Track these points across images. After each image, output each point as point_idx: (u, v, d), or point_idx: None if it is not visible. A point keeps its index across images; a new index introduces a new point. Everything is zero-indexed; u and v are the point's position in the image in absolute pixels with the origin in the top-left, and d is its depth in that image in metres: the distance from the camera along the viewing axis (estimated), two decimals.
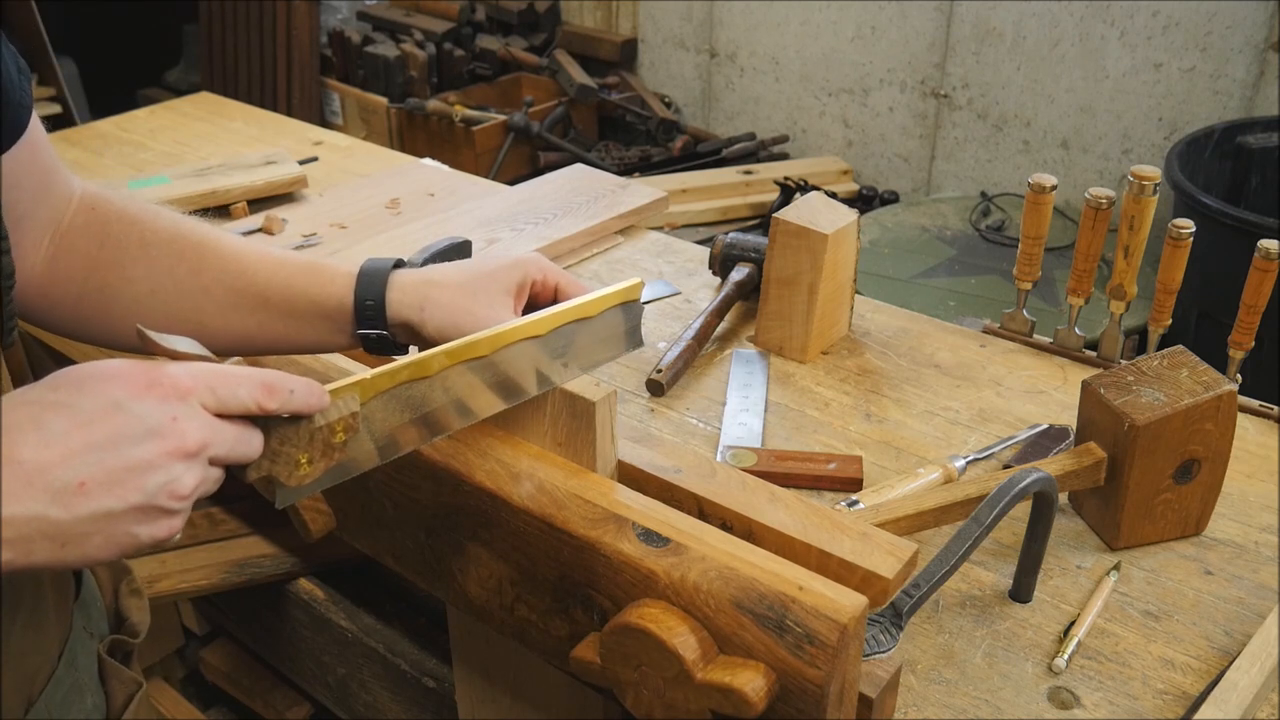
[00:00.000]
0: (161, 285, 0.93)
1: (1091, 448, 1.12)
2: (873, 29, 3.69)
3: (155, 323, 0.89)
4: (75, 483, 0.60)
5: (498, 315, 0.91)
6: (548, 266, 0.97)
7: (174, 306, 0.94)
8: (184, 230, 0.94)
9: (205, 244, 0.94)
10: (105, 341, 0.97)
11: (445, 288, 0.93)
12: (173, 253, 0.93)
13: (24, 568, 0.61)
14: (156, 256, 0.93)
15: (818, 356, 1.48)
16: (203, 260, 0.94)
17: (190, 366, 0.66)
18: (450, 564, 0.95)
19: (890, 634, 0.88)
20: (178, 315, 0.94)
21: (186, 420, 0.64)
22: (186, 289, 0.93)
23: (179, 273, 0.93)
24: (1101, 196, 1.33)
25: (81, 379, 0.63)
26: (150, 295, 0.93)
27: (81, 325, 0.95)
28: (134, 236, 0.93)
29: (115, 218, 0.93)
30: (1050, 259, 2.86)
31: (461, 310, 0.92)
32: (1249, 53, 3.00)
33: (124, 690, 0.92)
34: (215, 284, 0.94)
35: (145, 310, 0.93)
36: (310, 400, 0.70)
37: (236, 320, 0.95)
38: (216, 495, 1.71)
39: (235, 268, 0.94)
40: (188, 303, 0.94)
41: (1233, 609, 1.07)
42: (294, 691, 1.83)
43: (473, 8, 4.58)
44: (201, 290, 0.94)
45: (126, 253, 0.93)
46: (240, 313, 0.94)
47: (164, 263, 0.93)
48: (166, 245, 0.93)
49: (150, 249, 0.93)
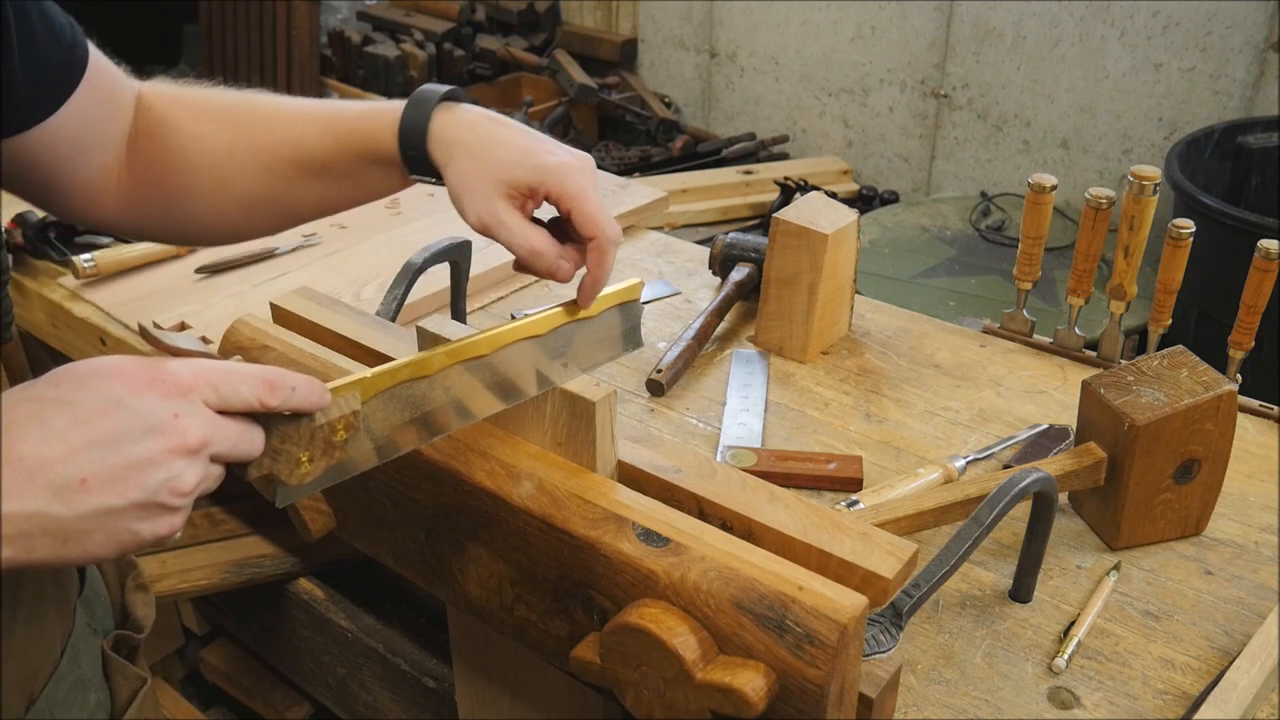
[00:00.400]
0: (229, 177, 0.98)
1: (1091, 448, 1.12)
2: (873, 29, 3.69)
3: (236, 210, 1.00)
4: (77, 479, 0.60)
5: (492, 212, 0.88)
6: (571, 187, 0.88)
7: (246, 193, 0.99)
8: (235, 116, 0.99)
9: (257, 123, 0.98)
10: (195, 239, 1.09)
11: (465, 159, 0.90)
12: (231, 141, 0.98)
13: (25, 565, 0.61)
14: (218, 149, 0.98)
15: (818, 356, 1.48)
16: (256, 140, 0.97)
17: (192, 363, 0.66)
18: (450, 564, 0.95)
19: (890, 634, 0.88)
20: (252, 199, 0.99)
21: (188, 417, 0.64)
22: (252, 173, 0.98)
23: (242, 159, 0.97)
24: (1101, 196, 1.33)
25: (83, 376, 0.63)
26: (221, 186, 0.98)
27: (165, 227, 1.03)
28: (189, 132, 0.98)
29: (170, 117, 0.98)
30: (1050, 259, 2.85)
31: (465, 187, 0.89)
32: (1249, 53, 3.00)
33: (128, 686, 0.92)
34: (277, 161, 0.97)
35: (222, 200, 0.99)
36: (312, 398, 0.70)
37: (305, 190, 0.98)
38: (217, 495, 1.71)
39: (290, 139, 0.97)
40: (256, 186, 0.98)
41: (1233, 609, 1.07)
42: (294, 691, 1.83)
43: (473, 8, 4.58)
44: (266, 170, 0.97)
45: (188, 153, 0.98)
46: (305, 182, 0.98)
47: (227, 154, 0.98)
48: (224, 136, 0.98)
49: (207, 143, 0.98)
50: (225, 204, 1.00)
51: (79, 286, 1.66)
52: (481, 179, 0.88)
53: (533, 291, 1.67)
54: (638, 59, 4.43)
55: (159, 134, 0.98)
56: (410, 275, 1.37)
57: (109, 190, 0.98)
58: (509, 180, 0.88)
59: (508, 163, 0.88)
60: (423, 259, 1.37)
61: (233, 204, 1.00)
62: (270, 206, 1.00)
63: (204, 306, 1.57)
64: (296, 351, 1.03)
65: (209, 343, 1.46)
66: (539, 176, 0.88)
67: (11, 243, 1.73)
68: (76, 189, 0.96)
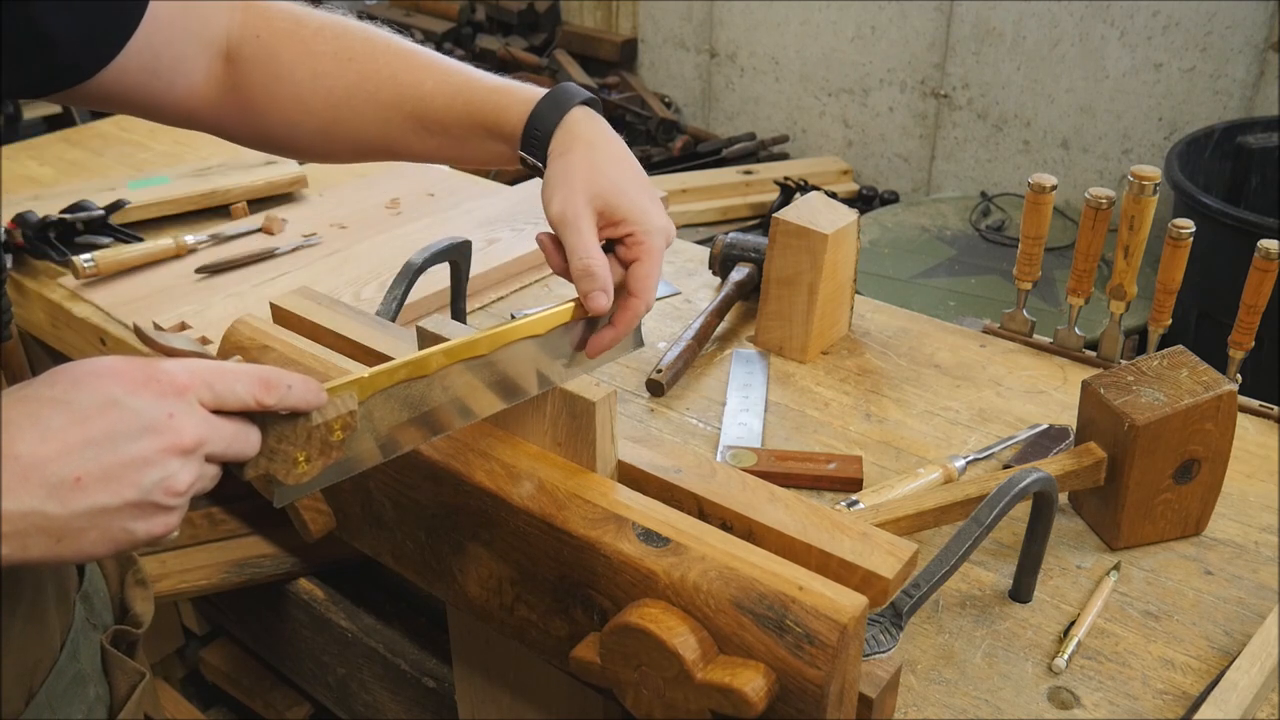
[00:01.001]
0: (343, 118, 0.99)
1: (1091, 448, 1.12)
2: (873, 29, 3.69)
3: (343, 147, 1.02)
4: (71, 478, 0.61)
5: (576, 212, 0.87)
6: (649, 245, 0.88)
7: (358, 133, 1.00)
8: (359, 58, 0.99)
9: (382, 71, 0.99)
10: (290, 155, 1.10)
11: (582, 158, 0.90)
12: (352, 85, 0.99)
13: (20, 563, 0.61)
14: (336, 90, 0.99)
15: (818, 356, 1.48)
16: (380, 89, 0.98)
17: (187, 363, 0.66)
18: (450, 564, 0.95)
19: (890, 634, 0.88)
20: (361, 139, 1.01)
21: (183, 416, 0.64)
22: (369, 119, 0.99)
23: (360, 104, 0.99)
24: (1101, 196, 1.33)
25: (79, 375, 0.64)
26: (335, 124, 0.99)
27: (263, 143, 1.04)
28: (306, 69, 0.98)
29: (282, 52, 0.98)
30: (1050, 259, 2.86)
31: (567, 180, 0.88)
32: (1249, 53, 3.00)
33: (127, 681, 0.92)
34: (398, 114, 0.98)
35: (332, 135, 1.00)
36: (308, 397, 0.70)
37: (416, 142, 1.00)
38: (217, 495, 1.71)
39: (416, 95, 0.98)
40: (370, 130, 1.00)
41: (1233, 609, 1.07)
42: (294, 691, 1.83)
43: (473, 8, 4.58)
44: (384, 120, 0.99)
45: (302, 90, 0.99)
46: (419, 136, 0.99)
47: (345, 97, 0.99)
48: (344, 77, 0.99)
49: (325, 82, 0.98)
50: (334, 140, 1.01)
51: (79, 286, 1.66)
52: (585, 181, 0.88)
53: (533, 292, 1.67)
54: (638, 59, 4.43)
55: (270, 67, 0.98)
56: (410, 275, 1.38)
57: (205, 103, 0.99)
58: (607, 199, 0.88)
59: (616, 185, 0.89)
60: (423, 259, 1.37)
61: (341, 141, 1.02)
62: (377, 147, 1.02)
63: (204, 306, 1.57)
64: (296, 352, 1.03)
65: (208, 343, 1.46)
66: (634, 216, 0.88)
67: (11, 243, 1.73)
68: (167, 107, 0.97)
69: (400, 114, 0.98)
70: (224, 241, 1.78)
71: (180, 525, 0.67)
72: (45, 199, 1.88)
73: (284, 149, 1.06)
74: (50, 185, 2.05)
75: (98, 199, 1.83)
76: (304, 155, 1.07)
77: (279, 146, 1.05)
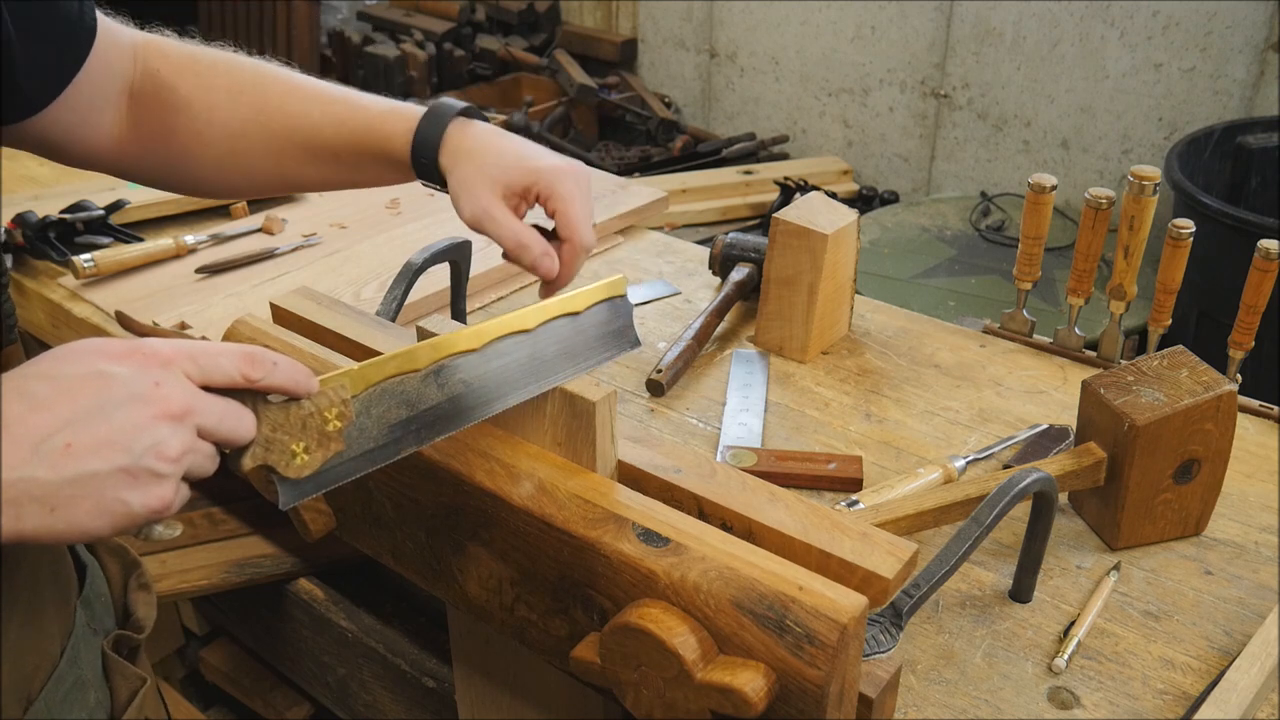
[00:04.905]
0: (239, 150, 1.02)
1: (1091, 448, 1.12)
2: (873, 29, 3.69)
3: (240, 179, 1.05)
4: (61, 445, 0.61)
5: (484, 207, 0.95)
6: (560, 189, 0.96)
7: (253, 167, 1.03)
8: (250, 92, 1.02)
9: (271, 104, 1.01)
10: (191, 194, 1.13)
11: (468, 165, 0.97)
12: (245, 120, 1.01)
13: (16, 538, 0.61)
14: (230, 125, 1.01)
15: (818, 356, 1.48)
16: (271, 122, 1.01)
17: (170, 340, 0.67)
18: (450, 564, 0.95)
19: (890, 634, 0.88)
20: (257, 172, 1.04)
21: (170, 385, 0.64)
22: (262, 152, 1.02)
23: (253, 139, 1.01)
24: (1101, 196, 1.33)
25: (64, 353, 0.65)
26: (230, 157, 1.02)
27: (163, 180, 1.07)
28: (201, 103, 1.01)
29: (179, 86, 1.00)
30: (1050, 259, 2.86)
31: (464, 187, 0.96)
32: (1249, 53, 3.00)
33: (128, 686, 0.92)
34: (289, 145, 1.02)
35: (228, 168, 1.03)
36: (295, 375, 0.71)
37: (310, 170, 1.04)
38: (217, 495, 1.71)
39: (304, 126, 1.01)
40: (265, 163, 1.03)
41: (1233, 609, 1.07)
42: (294, 691, 1.83)
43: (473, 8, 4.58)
44: (277, 151, 1.02)
45: (198, 124, 1.01)
46: (313, 165, 1.03)
47: (239, 133, 1.01)
48: (238, 113, 1.01)
49: (219, 115, 1.01)
50: (231, 172, 1.04)
51: (79, 286, 1.66)
52: (479, 179, 0.96)
53: (532, 292, 1.67)
54: (638, 59, 4.43)
55: (168, 101, 1.00)
56: (410, 275, 1.37)
57: (108, 141, 1.00)
58: (504, 181, 0.95)
59: (503, 165, 0.96)
60: (423, 259, 1.37)
61: (238, 174, 1.04)
62: (273, 179, 1.06)
63: (204, 306, 1.57)
64: (296, 351, 1.03)
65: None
66: (531, 178, 0.96)
67: (11, 243, 1.73)
68: (75, 145, 0.99)
69: (292, 144, 1.01)
70: (224, 241, 1.78)
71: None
72: (45, 199, 1.89)
73: (183, 184, 1.07)
74: (50, 185, 2.05)
75: (98, 199, 1.83)
76: (202, 189, 1.09)
77: (178, 182, 1.07)
